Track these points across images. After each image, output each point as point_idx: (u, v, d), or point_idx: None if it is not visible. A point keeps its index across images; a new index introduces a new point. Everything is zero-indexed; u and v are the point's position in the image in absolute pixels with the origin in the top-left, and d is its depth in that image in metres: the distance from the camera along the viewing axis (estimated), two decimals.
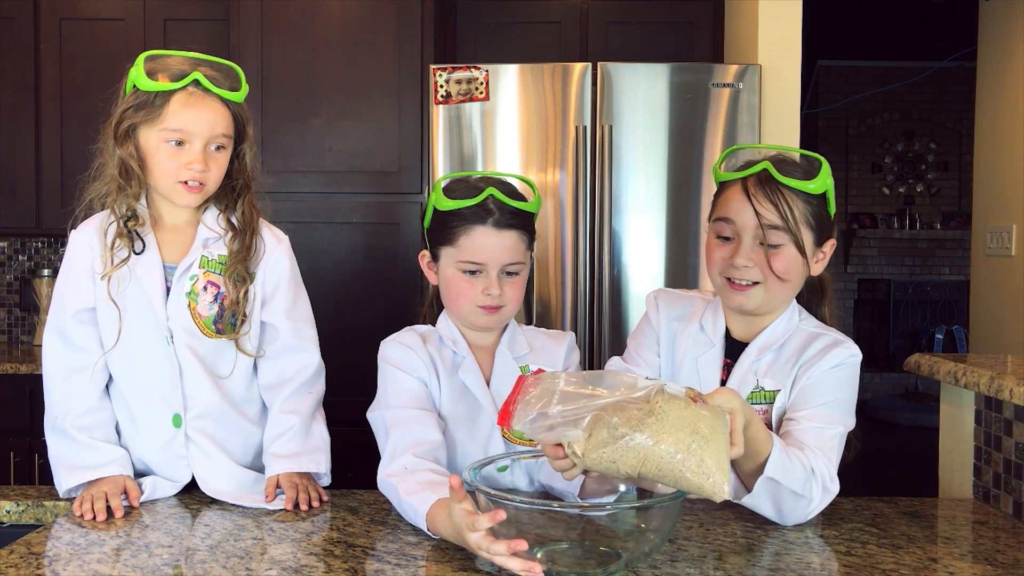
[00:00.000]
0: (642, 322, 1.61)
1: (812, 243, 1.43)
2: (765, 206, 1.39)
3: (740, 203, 1.41)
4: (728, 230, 1.43)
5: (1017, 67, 3.40)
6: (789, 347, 1.45)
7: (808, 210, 1.41)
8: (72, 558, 1.20)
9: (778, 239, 1.40)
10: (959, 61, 6.75)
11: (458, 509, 1.14)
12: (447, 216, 1.46)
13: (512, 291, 1.47)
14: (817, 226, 1.43)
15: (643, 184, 2.78)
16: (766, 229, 1.39)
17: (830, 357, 1.41)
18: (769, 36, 2.87)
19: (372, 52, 3.02)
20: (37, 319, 3.41)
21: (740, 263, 1.41)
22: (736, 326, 1.50)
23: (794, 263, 1.41)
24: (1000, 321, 3.48)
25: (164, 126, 1.45)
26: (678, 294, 1.60)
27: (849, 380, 1.42)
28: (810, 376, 1.41)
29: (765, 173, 1.41)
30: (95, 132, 1.52)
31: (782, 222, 1.39)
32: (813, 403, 1.38)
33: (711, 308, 1.53)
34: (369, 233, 3.03)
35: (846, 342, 1.44)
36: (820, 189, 1.42)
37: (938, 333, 7.61)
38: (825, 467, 1.32)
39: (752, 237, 1.41)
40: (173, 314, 1.50)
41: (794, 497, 1.29)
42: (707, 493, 1.06)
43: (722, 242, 1.45)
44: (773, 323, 1.47)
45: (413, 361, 1.49)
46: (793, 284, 1.44)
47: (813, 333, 1.46)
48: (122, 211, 1.49)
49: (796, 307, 1.50)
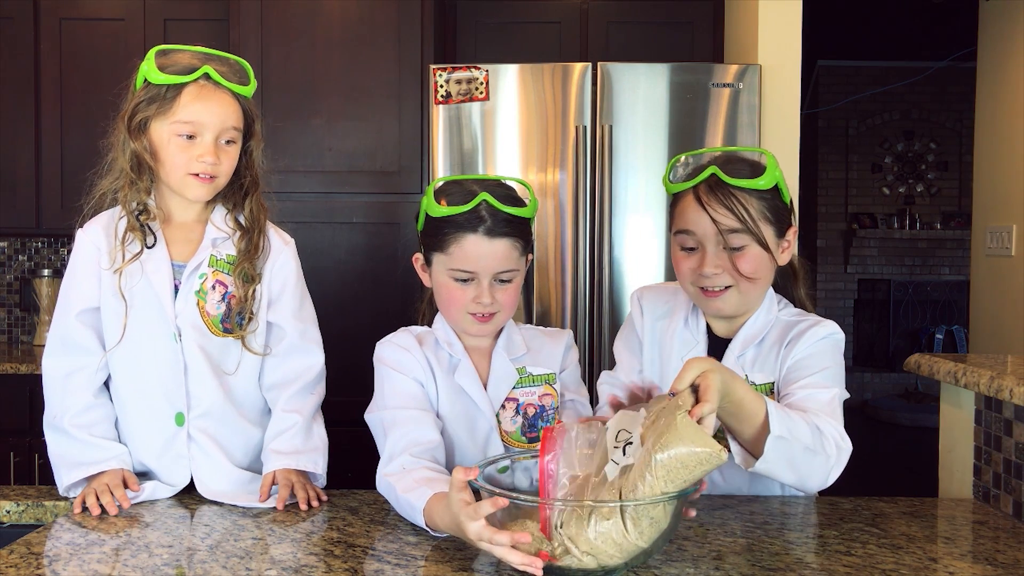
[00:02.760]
0: (626, 325, 1.62)
1: (774, 236, 1.44)
2: (720, 211, 1.40)
3: (696, 212, 1.42)
4: (690, 241, 1.44)
5: (1017, 67, 3.40)
6: (770, 338, 1.47)
7: (763, 205, 1.42)
8: (72, 558, 1.20)
9: (740, 241, 1.41)
10: (959, 61, 6.75)
11: (457, 498, 1.12)
12: (439, 222, 1.44)
13: (505, 297, 1.46)
14: (776, 219, 1.43)
15: (643, 184, 2.78)
16: (726, 233, 1.40)
17: (808, 335, 1.43)
18: (769, 36, 2.87)
19: (372, 52, 3.02)
20: (37, 319, 3.41)
21: (708, 271, 1.42)
22: (717, 324, 1.52)
23: (760, 261, 1.42)
24: (1000, 321, 3.48)
25: (176, 118, 1.46)
26: (662, 288, 1.61)
27: (833, 351, 1.43)
28: (794, 355, 1.42)
29: (714, 178, 1.41)
30: (96, 131, 1.53)
31: (740, 224, 1.40)
32: (802, 375, 1.38)
33: (693, 306, 1.54)
34: (369, 233, 3.03)
35: (825, 322, 1.45)
36: (770, 183, 1.42)
37: (938, 333, 7.62)
38: (831, 425, 1.28)
39: (715, 244, 1.42)
40: (182, 312, 1.50)
41: (808, 454, 1.24)
42: (710, 469, 1.06)
43: (687, 253, 1.45)
44: (753, 317, 1.49)
45: (409, 362, 1.48)
46: (764, 280, 1.45)
47: (792, 322, 1.47)
48: (133, 205, 1.50)
49: (773, 297, 1.51)
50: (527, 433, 1.50)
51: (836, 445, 1.27)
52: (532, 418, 1.51)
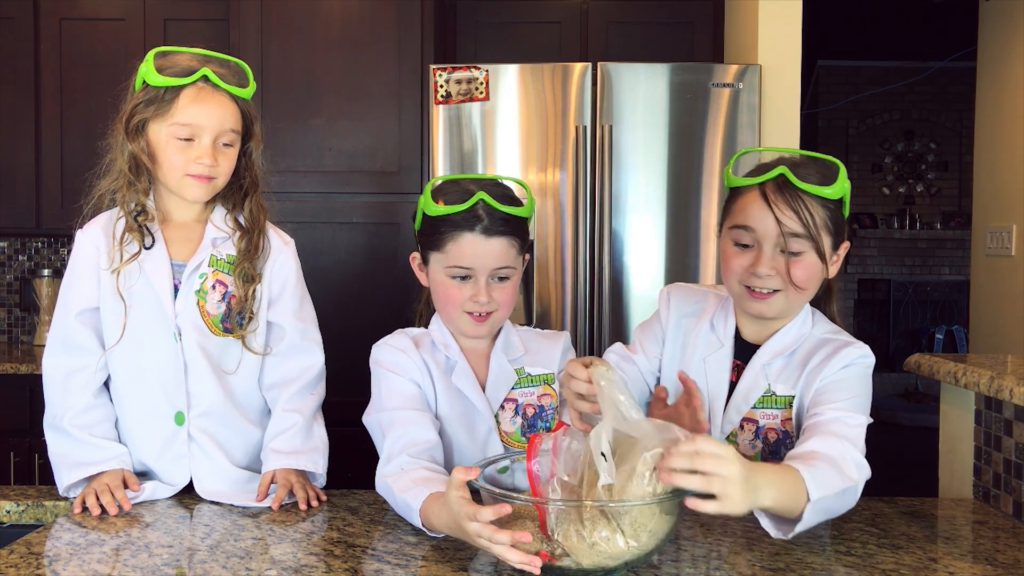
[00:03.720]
0: (652, 316, 1.59)
1: (830, 248, 1.40)
2: (786, 213, 1.35)
3: (760, 210, 1.37)
4: (747, 237, 1.39)
5: (1017, 67, 3.40)
6: (800, 352, 1.43)
7: (827, 215, 1.37)
8: (72, 558, 1.20)
9: (799, 246, 1.36)
10: (959, 61, 6.74)
11: (455, 496, 1.12)
12: (436, 221, 1.44)
13: (502, 296, 1.46)
14: (835, 230, 1.40)
15: (643, 184, 2.78)
16: (787, 237, 1.36)
17: (840, 357, 1.39)
18: (769, 36, 2.87)
19: (372, 52, 3.02)
20: (37, 319, 3.41)
21: (763, 272, 1.37)
22: (747, 328, 1.48)
23: (814, 270, 1.38)
24: (1000, 321, 3.48)
25: (173, 121, 1.46)
26: (692, 289, 1.58)
27: (862, 377, 1.39)
28: (824, 377, 1.38)
29: (783, 178, 1.36)
30: (96, 132, 1.53)
31: (803, 229, 1.35)
32: (833, 399, 1.34)
33: (723, 307, 1.51)
34: (369, 233, 3.03)
35: (857, 343, 1.42)
36: (839, 194, 1.38)
37: (938, 333, 7.61)
38: (848, 450, 1.26)
39: (773, 245, 1.37)
40: (182, 311, 1.50)
41: (839, 497, 1.22)
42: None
43: (741, 249, 1.40)
44: (786, 327, 1.44)
45: (405, 363, 1.48)
46: (811, 291, 1.41)
47: (823, 339, 1.44)
48: (131, 206, 1.50)
49: (809, 310, 1.47)
50: (527, 433, 1.50)
51: (856, 465, 1.25)
52: (532, 418, 1.51)
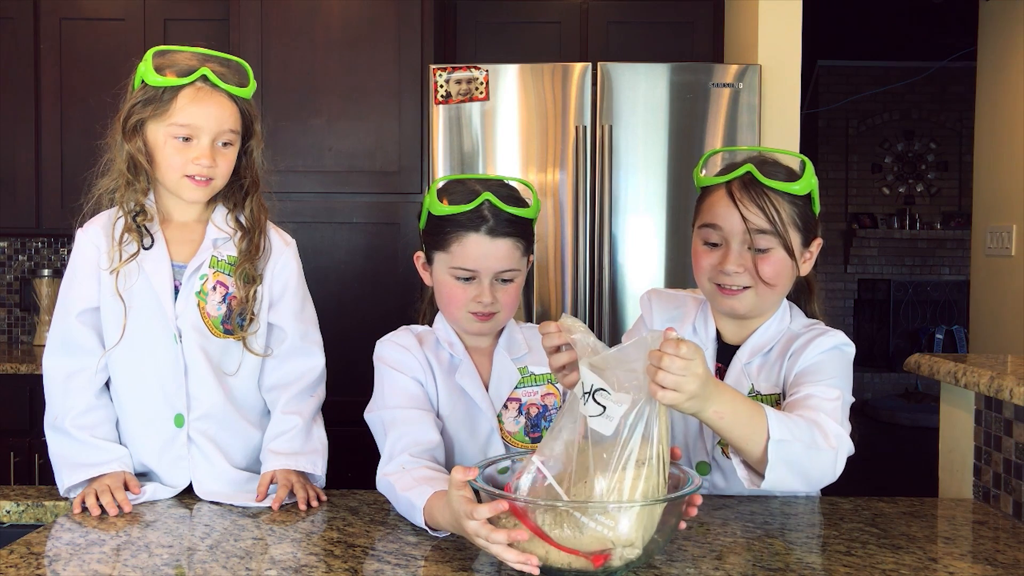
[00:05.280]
0: (638, 321, 1.61)
1: (800, 244, 1.42)
2: (751, 210, 1.38)
3: (726, 208, 1.40)
4: (715, 236, 1.42)
5: (1017, 67, 3.40)
6: (778, 348, 1.45)
7: (794, 211, 1.40)
8: (72, 558, 1.20)
9: (766, 243, 1.39)
10: (959, 61, 6.74)
11: (457, 495, 1.12)
12: (441, 221, 1.44)
13: (505, 297, 1.46)
14: (804, 227, 1.42)
15: (643, 184, 2.78)
16: (753, 233, 1.38)
17: (815, 344, 1.40)
18: (769, 36, 2.87)
19: (372, 52, 3.02)
20: (37, 319, 3.41)
21: (730, 269, 1.40)
22: (727, 330, 1.50)
23: (783, 266, 1.40)
24: (1000, 321, 3.48)
25: (172, 121, 1.45)
26: (671, 294, 1.60)
27: (840, 361, 1.40)
28: (801, 362, 1.39)
29: (749, 176, 1.39)
30: (95, 132, 1.53)
31: (769, 225, 1.38)
32: (809, 381, 1.35)
33: (702, 311, 1.52)
34: (369, 233, 3.03)
35: (833, 331, 1.43)
36: (805, 190, 1.40)
37: (938, 333, 7.61)
38: (829, 421, 1.25)
39: (740, 242, 1.40)
40: (182, 312, 1.50)
41: (811, 451, 1.21)
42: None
43: (709, 248, 1.43)
44: (764, 325, 1.46)
45: (409, 361, 1.48)
46: (782, 287, 1.43)
47: (799, 332, 1.45)
48: (130, 206, 1.49)
49: (787, 307, 1.49)
50: (530, 433, 1.50)
51: (837, 436, 1.24)
52: (535, 418, 1.50)
